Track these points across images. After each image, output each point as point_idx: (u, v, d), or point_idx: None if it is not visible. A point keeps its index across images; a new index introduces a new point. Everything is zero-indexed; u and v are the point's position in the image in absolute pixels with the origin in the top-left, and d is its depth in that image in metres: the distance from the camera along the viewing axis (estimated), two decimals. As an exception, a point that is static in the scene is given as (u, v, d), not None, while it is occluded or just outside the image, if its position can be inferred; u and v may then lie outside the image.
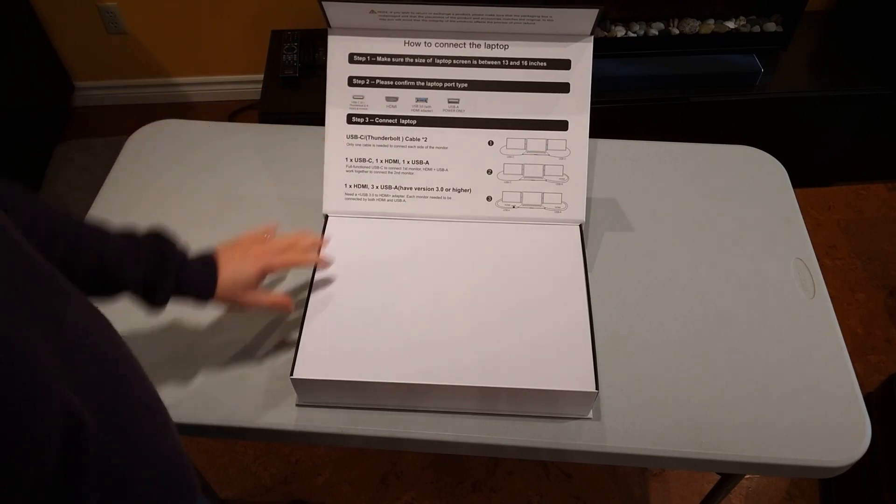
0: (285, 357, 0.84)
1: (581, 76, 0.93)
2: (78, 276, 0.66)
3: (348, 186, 0.94)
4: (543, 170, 0.94)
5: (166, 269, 0.70)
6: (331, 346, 0.80)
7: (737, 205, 1.04)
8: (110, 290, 0.69)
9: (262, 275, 0.77)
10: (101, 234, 0.69)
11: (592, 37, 0.92)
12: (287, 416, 0.80)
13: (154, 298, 0.71)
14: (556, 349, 0.80)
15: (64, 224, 0.66)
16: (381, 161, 0.94)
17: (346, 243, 0.92)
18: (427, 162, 0.94)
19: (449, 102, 0.94)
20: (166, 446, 0.55)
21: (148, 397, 0.54)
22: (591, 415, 0.80)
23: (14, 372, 0.39)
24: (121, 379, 0.51)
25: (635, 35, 1.81)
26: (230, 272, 0.75)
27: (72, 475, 0.43)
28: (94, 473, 0.45)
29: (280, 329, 0.87)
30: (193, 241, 0.96)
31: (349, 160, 0.94)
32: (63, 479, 0.42)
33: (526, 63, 0.93)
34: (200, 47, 2.18)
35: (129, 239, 0.70)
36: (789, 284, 0.94)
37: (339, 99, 0.94)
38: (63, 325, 0.46)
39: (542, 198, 0.94)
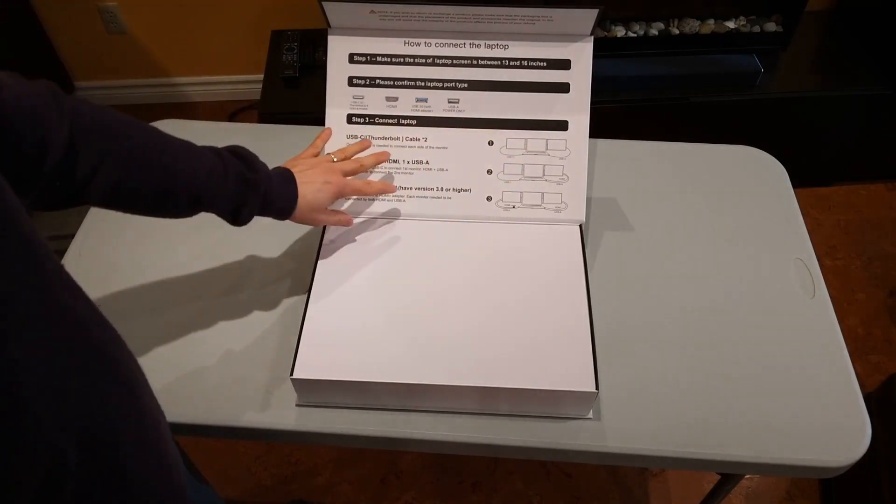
0: (285, 357, 0.84)
1: (581, 76, 0.93)
2: (166, 199, 0.69)
3: (348, 186, 0.94)
4: (543, 170, 0.94)
5: (254, 193, 0.74)
6: (331, 346, 0.80)
7: (737, 205, 1.04)
8: (193, 210, 0.73)
9: (336, 199, 0.83)
10: (190, 156, 0.70)
11: (592, 37, 0.92)
12: (287, 416, 0.80)
13: (237, 219, 0.75)
14: (555, 349, 0.80)
15: (156, 146, 0.68)
16: (381, 161, 0.94)
17: (346, 243, 0.92)
18: (427, 162, 0.94)
19: (449, 102, 0.94)
20: (162, 481, 0.52)
21: (148, 427, 0.51)
22: (590, 415, 0.80)
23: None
24: (119, 411, 0.48)
25: (635, 35, 1.81)
26: (309, 195, 0.79)
27: None
28: None
29: (280, 329, 0.87)
30: (193, 241, 0.97)
31: (349, 160, 0.94)
32: None
33: (526, 63, 0.93)
34: (200, 47, 2.18)
35: (217, 160, 0.72)
36: (789, 284, 0.94)
37: (338, 99, 0.94)
38: (64, 356, 0.43)
39: (542, 198, 0.94)
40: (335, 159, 0.87)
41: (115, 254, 0.96)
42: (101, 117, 0.64)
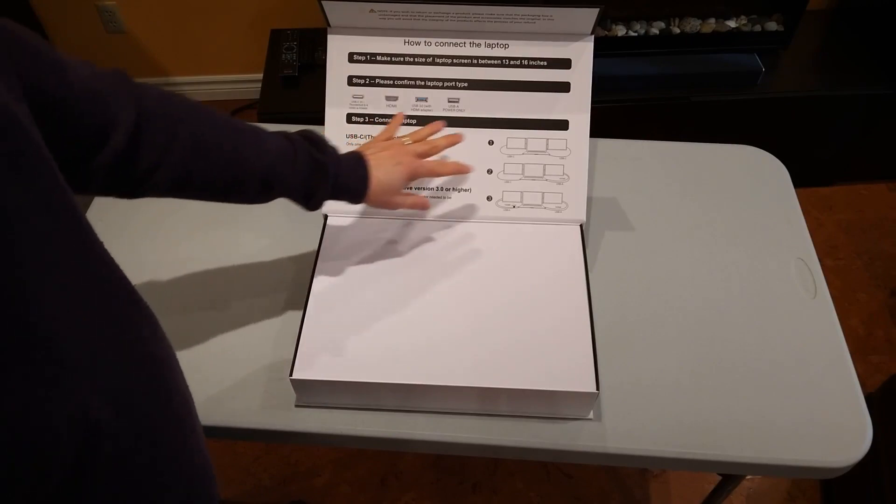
0: (285, 357, 0.84)
1: (582, 75, 0.93)
2: (236, 184, 0.69)
3: (348, 186, 0.94)
4: (544, 169, 0.94)
5: (324, 175, 0.73)
6: (330, 347, 0.80)
7: (738, 204, 1.03)
8: (265, 195, 0.72)
9: (409, 181, 0.81)
10: (258, 140, 0.70)
11: (593, 36, 0.92)
12: (287, 416, 0.79)
13: (309, 202, 0.74)
14: (556, 349, 0.80)
15: (224, 130, 0.68)
16: (381, 160, 0.94)
17: (345, 243, 0.91)
18: (427, 161, 0.94)
19: (449, 102, 0.94)
20: (189, 457, 0.54)
21: (178, 404, 0.53)
22: (591, 415, 0.80)
23: (32, 372, 0.39)
24: (152, 383, 0.50)
25: (636, 34, 1.80)
26: (382, 177, 0.78)
27: (81, 474, 0.43)
28: (106, 475, 0.45)
29: (280, 329, 0.87)
30: (193, 240, 0.97)
31: (349, 160, 0.94)
32: (71, 477, 0.42)
33: (526, 62, 0.93)
34: (199, 46, 2.18)
35: (286, 143, 0.71)
36: (790, 284, 0.93)
37: (338, 98, 0.94)
38: (100, 322, 0.45)
39: (543, 197, 0.94)
40: (408, 142, 0.85)
41: (114, 254, 0.95)
42: (168, 102, 0.64)
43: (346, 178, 0.75)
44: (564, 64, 0.93)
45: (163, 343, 0.53)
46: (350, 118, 0.94)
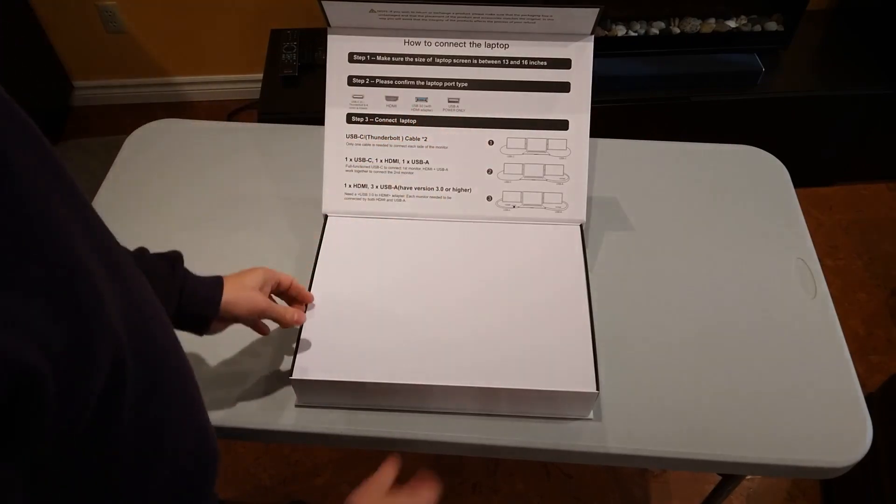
0: (285, 357, 0.84)
1: (581, 75, 0.93)
2: None
3: (348, 186, 0.94)
4: (544, 169, 0.94)
5: (173, 279, 0.70)
6: (330, 347, 0.80)
7: (738, 205, 1.03)
8: None
9: (266, 278, 0.76)
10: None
11: (593, 36, 0.92)
12: (287, 416, 0.79)
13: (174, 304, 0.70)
14: (556, 349, 0.80)
15: None
16: (381, 160, 0.94)
17: (345, 243, 0.91)
18: (427, 161, 0.94)
19: (449, 102, 0.94)
20: (199, 417, 0.56)
21: (185, 368, 0.55)
22: (591, 415, 0.80)
23: (84, 303, 0.40)
24: (164, 340, 0.52)
25: (636, 34, 1.80)
26: (233, 277, 0.74)
27: (108, 419, 0.43)
28: (128, 422, 0.45)
29: (279, 329, 0.87)
30: (193, 241, 0.96)
31: (349, 160, 0.94)
32: (100, 422, 0.42)
33: (526, 62, 0.93)
34: (199, 46, 2.18)
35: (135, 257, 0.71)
36: (790, 284, 0.93)
37: (338, 98, 0.94)
38: (121, 273, 0.47)
39: (543, 197, 0.94)
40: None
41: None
42: None
43: (196, 285, 0.71)
44: (564, 64, 0.93)
45: (169, 325, 0.54)
46: (350, 118, 0.94)
